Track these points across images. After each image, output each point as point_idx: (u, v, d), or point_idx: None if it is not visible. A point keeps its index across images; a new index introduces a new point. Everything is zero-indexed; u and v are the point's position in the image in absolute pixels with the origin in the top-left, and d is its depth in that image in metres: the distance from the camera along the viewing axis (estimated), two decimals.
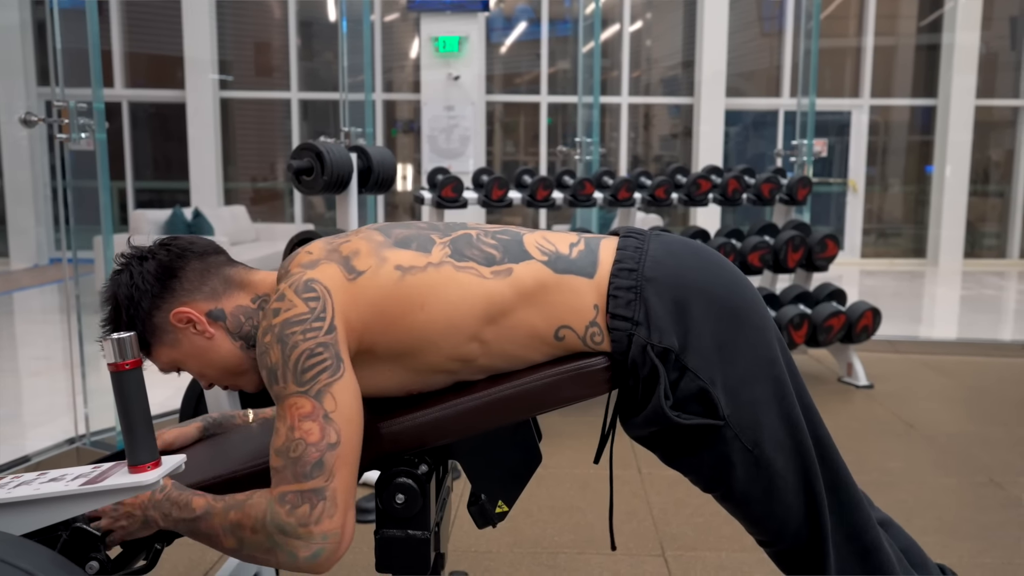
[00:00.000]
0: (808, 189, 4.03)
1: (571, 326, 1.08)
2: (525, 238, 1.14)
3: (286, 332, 0.98)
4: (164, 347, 1.11)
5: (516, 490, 1.16)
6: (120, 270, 1.12)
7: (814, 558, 1.12)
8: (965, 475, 2.65)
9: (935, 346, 4.64)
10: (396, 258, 1.07)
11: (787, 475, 1.10)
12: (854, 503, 1.16)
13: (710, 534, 2.20)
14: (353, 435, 0.99)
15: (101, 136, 2.54)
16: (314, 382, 0.97)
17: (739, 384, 1.07)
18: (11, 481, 0.92)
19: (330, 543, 0.96)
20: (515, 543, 2.15)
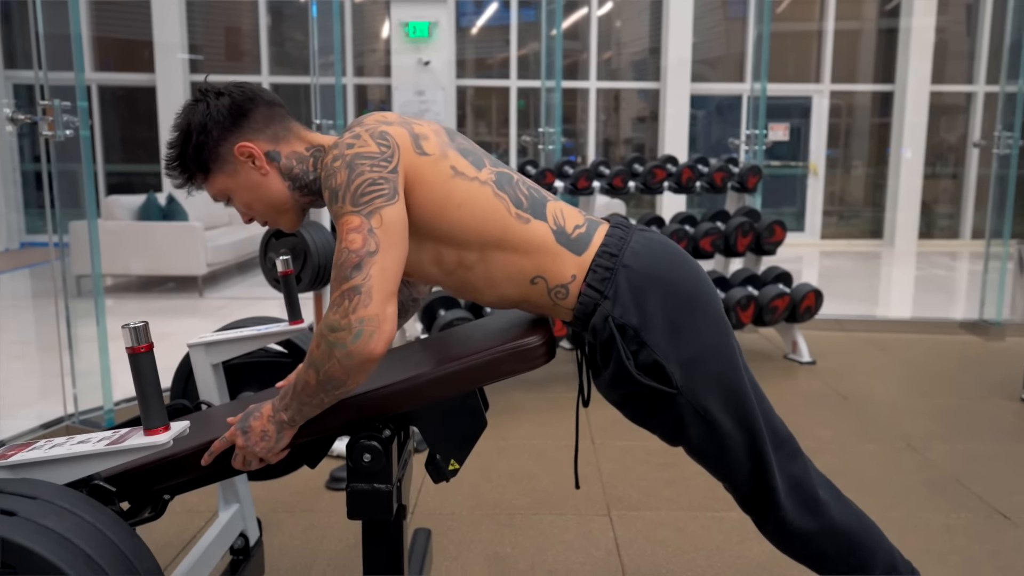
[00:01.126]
0: (758, 177, 4.26)
1: (546, 279, 1.29)
2: (548, 204, 1.33)
3: (356, 161, 1.14)
4: (222, 175, 1.28)
5: (465, 451, 1.38)
6: (197, 101, 1.27)
7: (765, 502, 1.36)
8: (886, 441, 2.92)
9: (878, 324, 4.94)
10: (454, 159, 1.25)
11: (736, 436, 1.32)
12: (795, 458, 1.39)
13: (652, 496, 2.44)
14: (393, 249, 1.14)
15: (85, 133, 2.69)
16: (368, 204, 1.13)
17: (691, 361, 1.28)
18: (45, 444, 1.11)
19: (367, 326, 1.10)
20: (476, 506, 2.37)
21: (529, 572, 1.99)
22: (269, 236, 2.54)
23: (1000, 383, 3.69)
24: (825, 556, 1.41)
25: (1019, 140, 4.62)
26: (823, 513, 1.38)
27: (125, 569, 0.94)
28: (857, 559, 1.40)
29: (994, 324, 4.67)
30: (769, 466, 1.34)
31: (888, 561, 1.43)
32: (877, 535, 1.43)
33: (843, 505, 1.42)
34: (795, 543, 1.40)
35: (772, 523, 1.38)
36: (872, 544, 1.42)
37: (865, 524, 1.43)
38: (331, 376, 1.15)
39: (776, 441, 1.37)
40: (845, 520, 1.40)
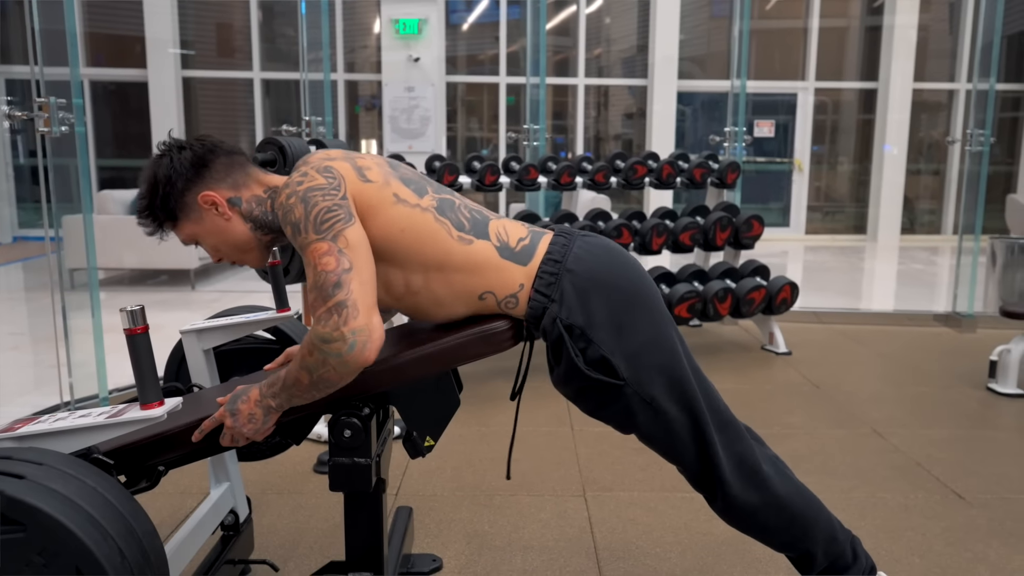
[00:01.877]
0: (737, 173, 4.38)
1: (494, 293, 1.39)
2: (491, 223, 1.44)
3: (309, 194, 1.25)
4: (189, 222, 1.40)
5: (440, 428, 1.48)
6: (162, 155, 1.39)
7: (712, 479, 1.47)
8: (853, 427, 3.04)
9: (855, 317, 5.06)
10: (396, 187, 1.36)
11: (680, 419, 1.43)
12: (738, 437, 1.50)
13: (626, 478, 2.55)
14: (364, 261, 1.25)
15: (81, 129, 2.78)
16: (330, 230, 1.24)
17: (635, 354, 1.39)
18: (49, 418, 1.21)
19: (360, 336, 1.21)
20: (457, 488, 2.48)
21: (506, 548, 2.10)
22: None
23: (968, 373, 3.82)
24: (768, 527, 1.52)
25: (991, 138, 4.75)
26: (766, 487, 1.49)
27: (124, 528, 1.04)
28: (799, 528, 1.51)
29: (966, 316, 4.81)
30: (713, 446, 1.45)
31: (828, 531, 1.53)
32: (817, 507, 1.54)
33: (786, 480, 1.53)
34: (741, 516, 1.51)
35: (720, 498, 1.49)
36: (813, 515, 1.52)
37: (806, 497, 1.53)
38: (325, 379, 1.26)
39: (720, 423, 1.48)
40: (787, 493, 1.51)
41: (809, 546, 1.52)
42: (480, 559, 2.04)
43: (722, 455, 1.46)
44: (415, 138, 8.74)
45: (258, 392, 1.34)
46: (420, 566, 1.98)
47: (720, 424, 1.48)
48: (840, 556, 1.54)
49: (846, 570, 1.54)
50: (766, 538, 1.55)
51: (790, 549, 1.55)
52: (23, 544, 0.98)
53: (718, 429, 1.47)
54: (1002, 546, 2.11)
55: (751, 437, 1.55)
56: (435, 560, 2.01)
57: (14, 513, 0.98)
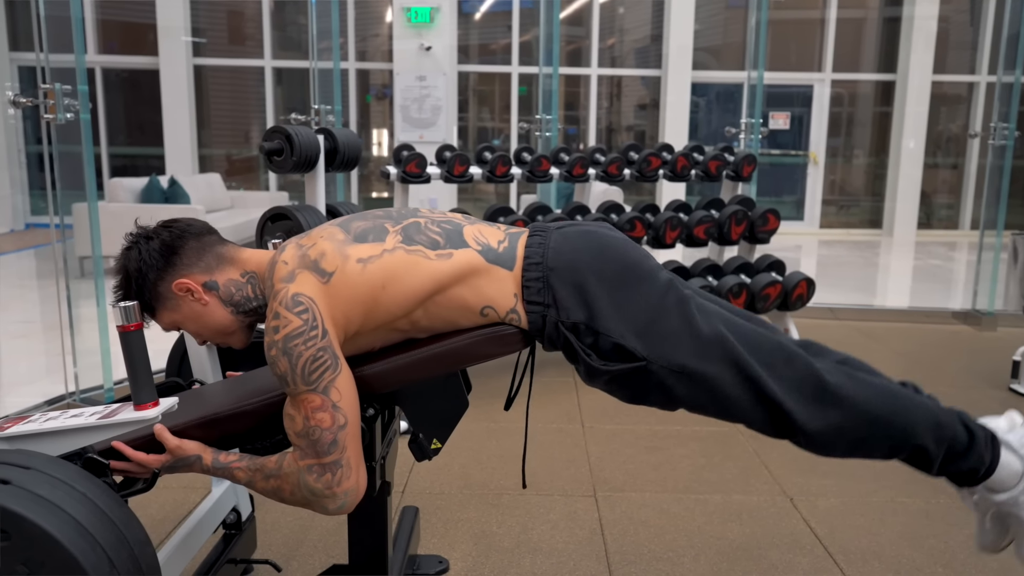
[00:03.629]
0: (753, 166, 4.29)
1: (495, 308, 1.33)
2: (464, 229, 1.37)
3: (289, 345, 1.21)
4: (167, 311, 1.35)
5: (447, 430, 1.42)
6: (130, 247, 1.34)
7: (782, 420, 1.32)
8: None
9: (871, 313, 4.97)
10: (356, 253, 1.30)
11: (720, 374, 1.30)
12: (788, 361, 1.33)
13: (638, 478, 2.50)
14: (355, 414, 1.26)
15: (85, 116, 2.73)
16: (320, 380, 1.21)
17: (646, 327, 1.30)
18: (40, 417, 1.16)
19: (351, 496, 1.25)
20: (465, 486, 2.43)
21: (514, 550, 2.04)
22: (265, 220, 2.59)
23: (989, 372, 3.73)
24: (864, 440, 1.35)
25: (1015, 131, 4.64)
26: (840, 400, 1.32)
27: (114, 537, 0.99)
28: (896, 428, 1.35)
29: (986, 314, 4.71)
30: (765, 386, 1.30)
31: (929, 418, 1.36)
32: (906, 396, 1.37)
33: (859, 383, 1.36)
34: (830, 441, 1.35)
35: (800, 434, 1.33)
36: (905, 407, 1.36)
37: (890, 391, 1.37)
38: (297, 504, 1.27)
39: (763, 358, 1.32)
40: (866, 397, 1.34)
41: (917, 441, 1.35)
42: (488, 561, 1.99)
43: (778, 390, 1.31)
44: (426, 127, 8.67)
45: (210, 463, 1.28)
46: (426, 568, 1.93)
47: (765, 356, 1.32)
48: (953, 439, 1.36)
49: (966, 450, 1.37)
50: (869, 451, 1.38)
51: (899, 451, 1.37)
52: (6, 553, 0.93)
53: (764, 365, 1.32)
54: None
55: (808, 352, 1.39)
56: (441, 562, 1.96)
57: None
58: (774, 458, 2.64)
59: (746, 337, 1.34)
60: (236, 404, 1.35)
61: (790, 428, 1.33)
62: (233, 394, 1.45)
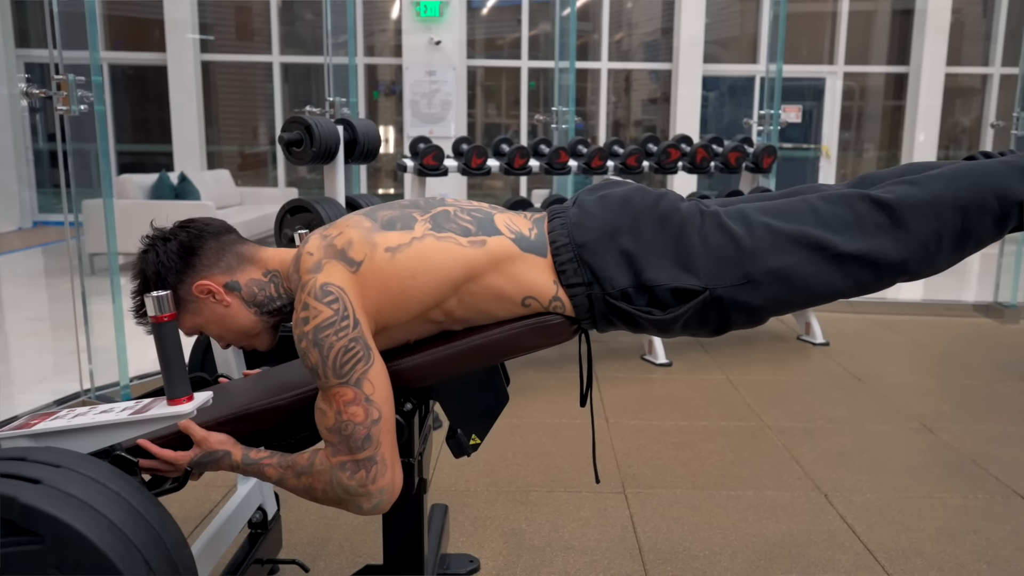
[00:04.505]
0: (773, 158, 4.22)
1: (537, 298, 1.27)
2: (496, 217, 1.32)
3: (320, 336, 1.14)
4: (188, 315, 1.28)
5: (487, 426, 1.37)
6: (146, 250, 1.28)
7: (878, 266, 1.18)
8: (900, 422, 2.91)
9: (890, 307, 4.90)
10: (385, 241, 1.24)
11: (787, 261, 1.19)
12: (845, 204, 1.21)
13: (667, 474, 2.44)
14: (389, 408, 1.19)
15: (100, 108, 2.68)
16: (352, 372, 1.15)
17: (689, 260, 1.22)
18: (67, 413, 1.11)
19: (387, 495, 1.18)
20: (491, 483, 2.38)
21: (545, 548, 1.99)
22: (284, 212, 2.54)
23: (1015, 365, 3.67)
24: (966, 230, 1.20)
25: None
26: (915, 209, 1.19)
27: (150, 538, 0.94)
28: (990, 198, 1.20)
29: (1009, 307, 4.63)
30: (835, 244, 1.19)
31: (1013, 172, 1.22)
32: (977, 167, 1.25)
33: (923, 184, 1.22)
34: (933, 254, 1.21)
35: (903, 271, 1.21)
36: (982, 175, 1.22)
37: (960, 170, 1.23)
38: (330, 504, 1.21)
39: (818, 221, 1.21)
40: (936, 190, 1.21)
41: (1017, 196, 1.20)
42: (519, 560, 1.94)
43: (849, 242, 1.19)
44: (436, 123, 8.61)
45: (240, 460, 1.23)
46: (457, 567, 1.88)
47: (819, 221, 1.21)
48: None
49: None
50: (978, 238, 1.23)
51: (1008, 219, 1.22)
52: (39, 557, 0.88)
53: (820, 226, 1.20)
54: None
55: (862, 186, 1.30)
56: (472, 561, 1.90)
57: (29, 522, 0.88)
58: (804, 452, 2.58)
59: (787, 212, 1.24)
60: (267, 399, 1.30)
61: (892, 270, 1.20)
62: (262, 389, 1.39)
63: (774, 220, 1.23)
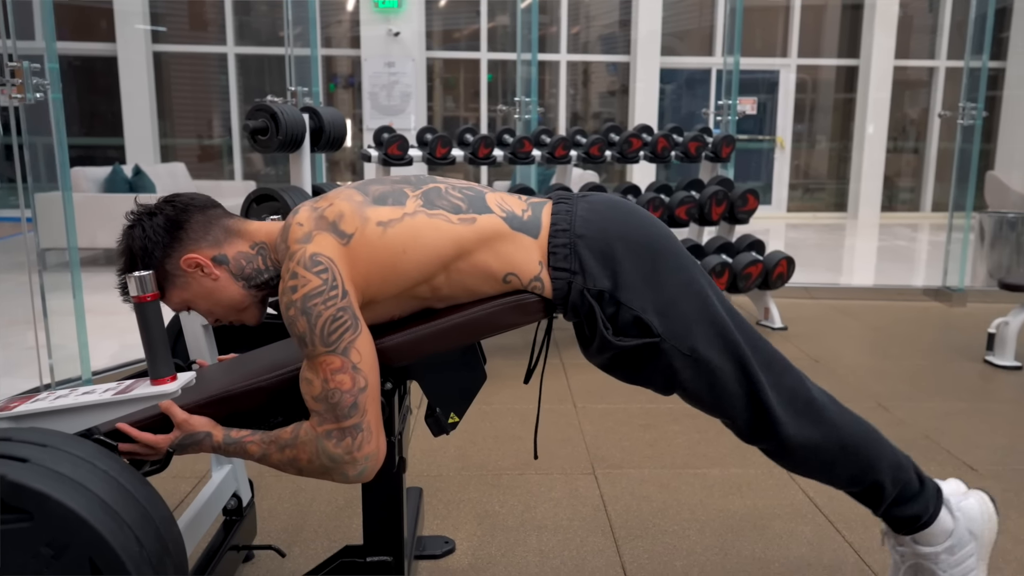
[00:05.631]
0: (732, 147, 4.31)
1: (518, 275, 1.30)
2: (487, 196, 1.35)
3: (308, 304, 1.16)
4: (176, 289, 1.28)
5: (465, 404, 1.39)
6: (132, 225, 1.28)
7: (766, 423, 1.36)
8: (857, 401, 3.01)
9: (845, 292, 5.05)
10: (376, 215, 1.26)
11: (724, 367, 1.33)
12: (785, 370, 1.39)
13: (635, 455, 2.49)
14: (375, 377, 1.21)
15: (56, 96, 2.63)
16: (339, 341, 1.16)
17: (666, 305, 1.30)
18: (48, 395, 1.10)
19: (371, 461, 1.20)
20: (463, 467, 2.40)
21: (519, 528, 2.03)
22: (250, 201, 2.52)
23: (964, 345, 3.82)
24: (834, 463, 1.41)
25: (983, 112, 4.73)
26: (823, 418, 1.38)
27: (140, 515, 0.95)
28: (864, 459, 1.40)
29: (957, 290, 4.81)
30: (761, 387, 1.34)
31: (893, 458, 1.43)
32: (876, 433, 1.44)
33: (841, 409, 1.43)
34: (804, 456, 1.40)
35: (779, 442, 1.38)
36: (875, 441, 1.42)
37: (863, 425, 1.43)
38: (314, 475, 1.21)
39: (763, 361, 1.37)
40: (845, 422, 1.40)
41: (877, 477, 1.41)
42: (493, 540, 1.97)
43: (771, 394, 1.35)
44: (395, 114, 8.57)
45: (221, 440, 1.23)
46: (432, 548, 1.90)
47: (764, 362, 1.37)
48: (908, 483, 1.43)
49: (914, 496, 1.43)
50: (832, 476, 1.44)
51: (857, 483, 1.43)
52: (29, 535, 0.88)
53: (763, 368, 1.36)
54: (1020, 517, 2.09)
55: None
56: (448, 542, 1.93)
57: (18, 500, 0.88)
58: None
59: (752, 339, 1.38)
60: (247, 381, 1.31)
61: (770, 434, 1.37)
62: (240, 372, 1.40)
63: (743, 337, 1.35)
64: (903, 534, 1.47)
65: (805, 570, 1.84)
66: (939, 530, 1.44)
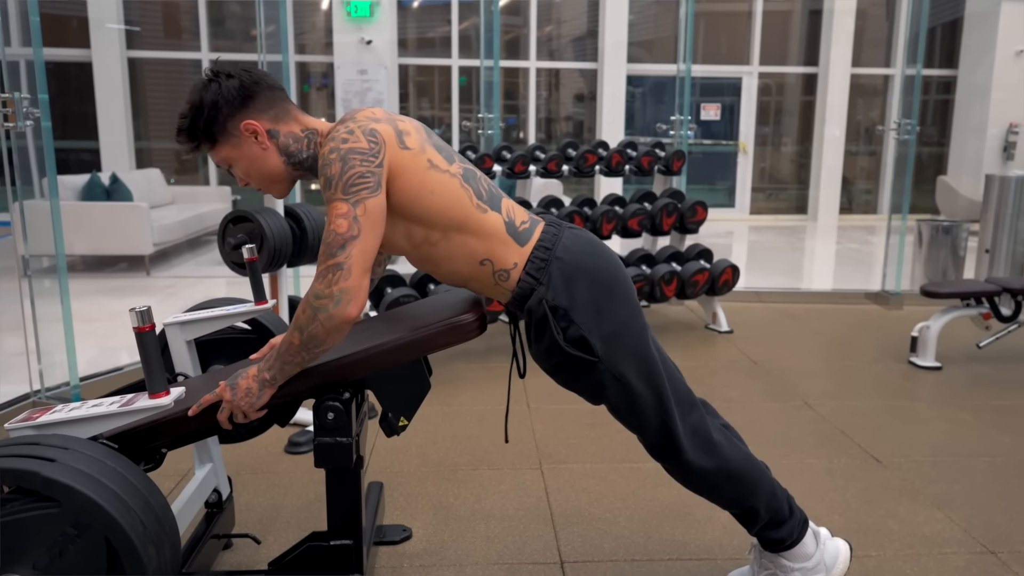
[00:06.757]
0: (682, 161, 4.60)
1: (493, 262, 1.56)
2: (503, 200, 1.61)
3: (350, 156, 1.38)
4: (227, 146, 1.50)
5: (412, 409, 1.65)
6: (210, 80, 1.48)
7: (671, 448, 1.67)
8: (786, 400, 3.31)
9: (793, 296, 5.37)
10: (431, 154, 1.51)
11: (645, 395, 1.63)
12: (694, 410, 1.71)
13: (579, 451, 2.76)
14: (371, 234, 1.40)
15: (47, 124, 2.84)
16: (356, 194, 1.37)
17: (610, 335, 1.58)
18: (63, 408, 1.34)
19: (347, 295, 1.36)
20: (422, 464, 2.66)
21: (469, 517, 2.28)
22: (227, 221, 2.75)
23: (892, 347, 4.13)
24: (719, 487, 1.73)
25: (916, 126, 5.06)
26: (718, 453, 1.70)
27: (143, 502, 1.19)
28: (745, 488, 1.72)
29: (894, 295, 5.14)
30: (673, 419, 1.65)
31: (769, 490, 1.75)
32: (760, 469, 1.76)
33: (734, 447, 1.75)
34: (696, 479, 1.73)
35: (677, 464, 1.70)
36: (757, 476, 1.74)
37: (751, 461, 1.75)
38: (313, 336, 1.41)
39: (678, 398, 1.68)
40: (735, 457, 1.72)
41: (753, 503, 1.73)
42: (446, 528, 2.22)
43: (680, 427, 1.66)
44: None
45: (255, 369, 1.48)
46: (391, 536, 2.16)
47: (679, 399, 1.68)
48: (778, 511, 1.76)
49: (783, 523, 1.76)
50: (716, 497, 1.75)
51: (736, 506, 1.76)
52: (58, 518, 1.12)
53: (677, 403, 1.67)
54: (911, 503, 2.38)
55: (705, 410, 1.77)
56: (405, 530, 2.19)
57: (49, 491, 1.12)
58: None
59: (673, 380, 1.69)
60: None
61: (673, 457, 1.69)
62: None
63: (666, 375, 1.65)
64: (770, 552, 1.80)
65: (717, 550, 2.12)
66: (802, 553, 1.78)
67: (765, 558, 1.82)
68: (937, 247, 5.46)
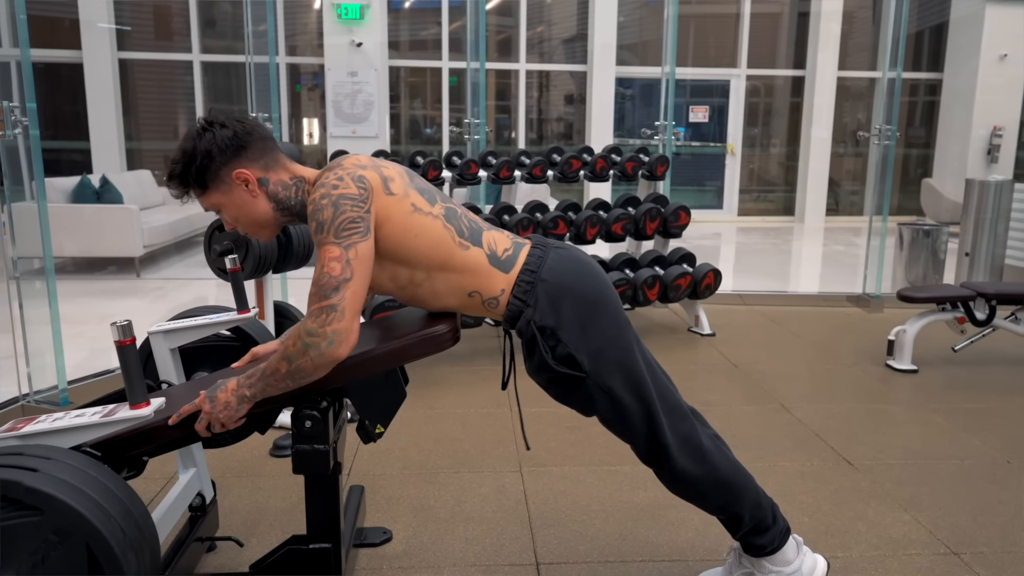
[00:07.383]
0: (665, 167, 4.66)
1: (481, 293, 1.63)
2: (484, 233, 1.67)
3: (341, 201, 1.44)
4: (218, 193, 1.56)
5: (388, 416, 1.70)
6: (204, 129, 1.54)
7: (660, 456, 1.74)
8: (763, 403, 3.37)
9: (775, 298, 5.44)
10: (414, 198, 1.57)
11: (633, 407, 1.70)
12: (683, 419, 1.77)
13: (558, 454, 2.82)
14: (363, 276, 1.47)
15: (35, 132, 2.88)
16: (347, 238, 1.44)
17: (596, 352, 1.65)
18: (47, 418, 1.39)
19: (339, 336, 1.43)
20: (404, 467, 2.71)
21: (449, 520, 2.34)
22: (213, 229, 2.79)
23: (870, 350, 4.21)
24: (706, 494, 1.80)
25: (896, 132, 5.14)
26: (706, 461, 1.77)
27: (123, 510, 1.24)
28: (731, 495, 1.79)
29: (874, 297, 5.22)
30: (661, 428, 1.71)
31: (754, 498, 1.82)
32: (746, 477, 1.83)
33: (722, 455, 1.81)
34: (684, 486, 1.79)
35: (667, 471, 1.77)
36: (743, 484, 1.81)
37: (738, 469, 1.82)
38: (301, 368, 1.47)
39: (667, 408, 1.75)
40: (722, 465, 1.79)
41: (738, 510, 1.81)
42: (426, 530, 2.28)
43: (669, 435, 1.72)
44: (358, 123, 8.81)
45: (235, 383, 1.53)
46: (372, 538, 2.21)
47: (668, 408, 1.74)
48: (762, 519, 1.83)
49: (766, 530, 1.83)
50: (703, 503, 1.82)
51: (722, 512, 1.83)
52: (40, 526, 1.17)
53: (666, 413, 1.73)
54: (880, 505, 2.45)
55: (695, 418, 1.83)
56: (385, 532, 2.24)
57: (32, 500, 1.17)
58: None
59: (660, 389, 1.76)
60: None
61: (663, 464, 1.76)
62: None
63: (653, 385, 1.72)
64: (752, 556, 1.87)
65: (689, 552, 2.18)
66: (782, 559, 1.85)
67: (745, 559, 1.89)
68: (918, 250, 5.54)
